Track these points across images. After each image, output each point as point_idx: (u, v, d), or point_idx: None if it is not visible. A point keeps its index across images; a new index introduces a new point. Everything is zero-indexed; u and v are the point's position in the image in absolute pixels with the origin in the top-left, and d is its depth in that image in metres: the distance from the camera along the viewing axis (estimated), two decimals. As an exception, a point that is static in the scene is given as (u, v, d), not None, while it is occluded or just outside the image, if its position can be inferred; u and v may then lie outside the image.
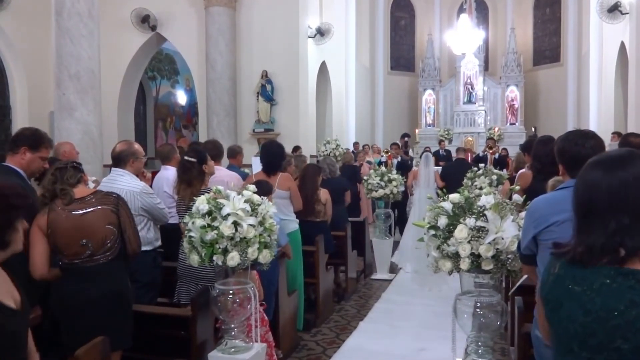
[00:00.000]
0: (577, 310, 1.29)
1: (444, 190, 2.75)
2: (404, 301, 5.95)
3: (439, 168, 8.70)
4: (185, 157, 3.88)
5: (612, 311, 1.24)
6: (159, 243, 3.95)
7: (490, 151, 10.50)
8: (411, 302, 5.92)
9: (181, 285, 3.81)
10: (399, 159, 11.63)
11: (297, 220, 4.80)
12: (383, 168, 7.34)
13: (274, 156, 4.72)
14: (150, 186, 4.16)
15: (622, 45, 10.78)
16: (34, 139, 3.17)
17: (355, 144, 14.19)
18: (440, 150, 14.51)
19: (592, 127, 11.89)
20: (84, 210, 2.81)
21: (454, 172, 7.44)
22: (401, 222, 8.68)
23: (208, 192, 3.31)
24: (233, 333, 2.98)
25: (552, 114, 17.66)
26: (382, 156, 11.90)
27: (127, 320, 2.94)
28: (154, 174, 4.92)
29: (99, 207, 2.84)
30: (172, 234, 4.07)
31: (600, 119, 12.52)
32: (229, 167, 5.62)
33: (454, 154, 11.66)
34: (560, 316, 1.33)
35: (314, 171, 5.56)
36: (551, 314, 1.37)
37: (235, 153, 6.02)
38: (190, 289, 3.71)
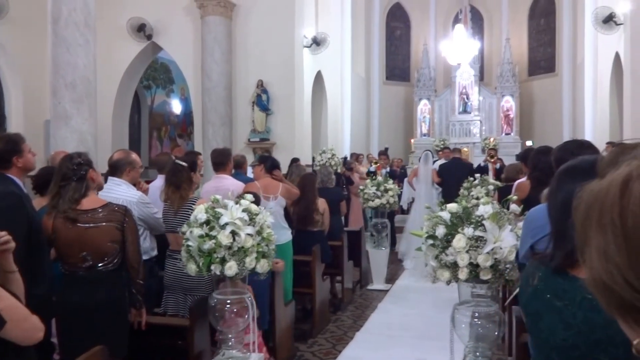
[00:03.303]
0: (558, 323, 1.28)
1: (444, 200, 2.74)
2: (400, 312, 5.93)
3: (436, 166, 9.06)
4: (177, 161, 3.89)
5: (594, 326, 1.22)
6: (155, 252, 3.93)
7: (492, 160, 10.32)
8: (408, 312, 5.90)
9: (168, 296, 3.78)
10: (388, 169, 11.64)
11: (291, 231, 4.80)
12: (380, 178, 7.36)
13: (278, 163, 4.86)
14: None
15: (617, 55, 10.85)
16: (13, 145, 3.10)
17: (353, 154, 14.15)
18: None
19: (588, 137, 11.93)
20: (89, 225, 2.80)
21: (450, 169, 8.14)
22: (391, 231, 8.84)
23: (194, 203, 3.30)
24: (230, 343, 2.96)
25: (547, 124, 17.73)
26: (371, 166, 11.90)
27: (123, 329, 2.92)
28: (148, 183, 4.90)
29: (105, 223, 2.82)
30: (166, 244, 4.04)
31: (595, 129, 12.56)
32: (236, 175, 5.72)
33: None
34: (540, 328, 1.33)
35: (312, 180, 5.57)
36: (531, 325, 1.37)
37: (240, 163, 6.24)
38: (179, 300, 3.69)
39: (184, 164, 3.84)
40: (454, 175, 7.19)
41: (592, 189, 0.58)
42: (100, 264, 2.81)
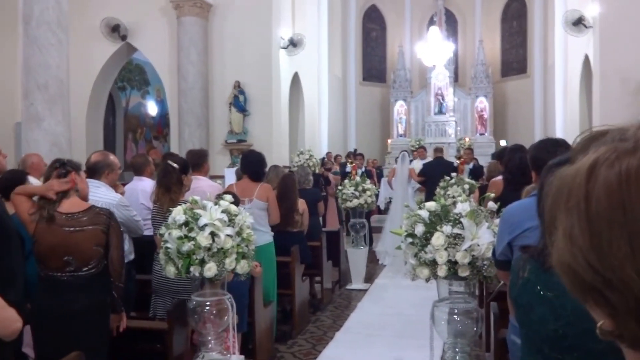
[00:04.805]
0: (549, 315, 1.31)
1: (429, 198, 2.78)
2: (379, 311, 5.97)
3: (414, 165, 9.37)
4: (169, 161, 3.82)
5: (583, 316, 1.25)
6: (132, 256, 3.88)
7: (460, 161, 10.05)
8: (387, 311, 5.94)
9: (157, 300, 3.73)
10: (364, 169, 11.71)
11: (272, 233, 4.77)
12: (357, 178, 7.40)
13: (259, 164, 4.74)
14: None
15: (586, 57, 11.12)
16: None
17: (328, 153, 14.18)
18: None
19: (558, 136, 12.17)
20: (74, 228, 2.73)
21: (433, 168, 8.42)
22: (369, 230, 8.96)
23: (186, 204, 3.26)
24: (210, 345, 2.93)
25: (520, 124, 18.06)
26: (347, 167, 11.92)
27: (104, 334, 2.86)
28: (123, 185, 4.83)
29: (90, 226, 2.76)
30: (147, 247, 3.99)
31: (566, 128, 12.85)
32: None
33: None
34: (531, 319, 1.36)
35: (293, 181, 5.56)
36: (523, 317, 1.39)
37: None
38: (166, 303, 3.64)
39: (175, 165, 3.76)
40: (438, 173, 7.39)
41: (562, 174, 0.60)
42: (84, 269, 2.75)
